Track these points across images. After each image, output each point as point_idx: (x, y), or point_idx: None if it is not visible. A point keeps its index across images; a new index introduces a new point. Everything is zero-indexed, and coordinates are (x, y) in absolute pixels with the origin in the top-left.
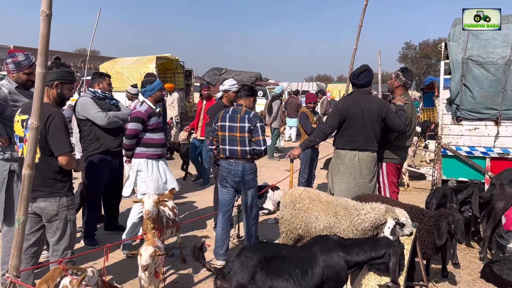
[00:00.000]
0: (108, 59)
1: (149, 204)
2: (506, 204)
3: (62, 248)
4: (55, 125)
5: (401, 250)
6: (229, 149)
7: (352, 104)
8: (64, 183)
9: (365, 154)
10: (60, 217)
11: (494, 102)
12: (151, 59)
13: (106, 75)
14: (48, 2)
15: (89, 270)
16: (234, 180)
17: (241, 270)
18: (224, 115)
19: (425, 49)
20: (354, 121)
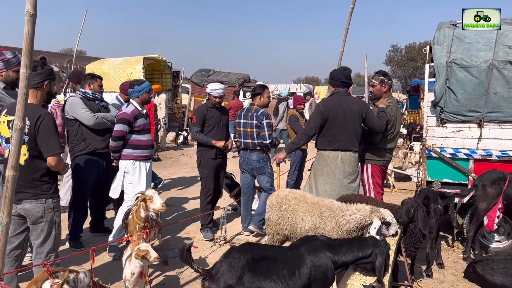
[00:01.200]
0: (94, 60)
1: (159, 197)
2: (488, 205)
3: (46, 250)
4: (45, 126)
5: (387, 251)
6: (243, 141)
7: (334, 105)
8: (50, 185)
9: (347, 154)
10: (45, 219)
11: (477, 105)
12: (138, 60)
13: (98, 76)
14: (33, 2)
15: (80, 272)
16: (248, 167)
17: (228, 271)
18: (241, 113)
19: (411, 52)
20: (335, 122)
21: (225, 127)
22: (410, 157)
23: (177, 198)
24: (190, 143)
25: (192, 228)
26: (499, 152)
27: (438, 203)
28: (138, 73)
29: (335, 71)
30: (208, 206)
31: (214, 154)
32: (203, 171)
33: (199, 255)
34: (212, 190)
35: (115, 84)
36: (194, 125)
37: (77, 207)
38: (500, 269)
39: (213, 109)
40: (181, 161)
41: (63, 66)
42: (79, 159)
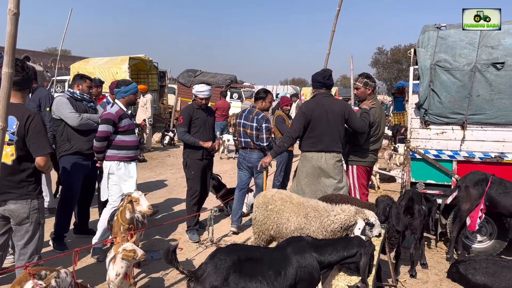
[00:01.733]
0: (79, 59)
1: (145, 199)
2: (471, 206)
3: (29, 252)
4: (35, 126)
5: (372, 251)
6: (244, 141)
7: (316, 106)
8: (36, 185)
9: (331, 155)
10: (31, 220)
11: (461, 107)
12: (124, 60)
13: (87, 77)
14: (16, 1)
15: (62, 271)
16: (248, 166)
17: (214, 272)
18: (242, 114)
19: (396, 55)
20: (318, 123)
21: (212, 128)
22: (394, 158)
23: (162, 199)
24: (176, 144)
25: (178, 229)
26: (481, 153)
27: (422, 204)
28: (123, 73)
29: (315, 73)
30: (195, 207)
31: (201, 155)
32: (190, 172)
33: (185, 257)
34: (198, 192)
35: None
36: (180, 125)
37: (63, 208)
38: (482, 269)
39: (199, 110)
40: (167, 162)
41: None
42: (64, 160)
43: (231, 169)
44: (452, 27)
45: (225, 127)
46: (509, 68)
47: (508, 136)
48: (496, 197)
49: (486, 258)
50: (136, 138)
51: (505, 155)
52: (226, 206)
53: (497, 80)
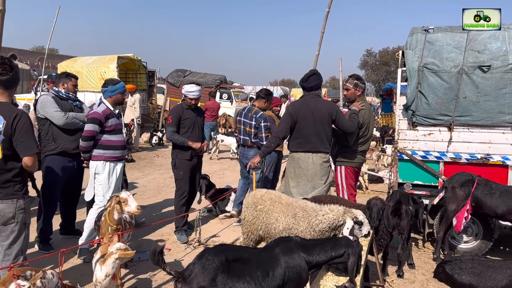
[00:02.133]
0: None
1: (133, 200)
2: (457, 206)
3: (14, 252)
4: (22, 125)
5: (359, 251)
6: (243, 138)
7: (302, 107)
8: (22, 185)
9: (318, 156)
10: (16, 220)
11: (448, 109)
12: (112, 59)
13: (73, 76)
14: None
15: (48, 272)
16: (246, 162)
17: (202, 272)
18: (242, 112)
19: (384, 57)
20: (305, 124)
21: (201, 128)
22: (382, 159)
23: (151, 200)
24: (165, 144)
25: (165, 230)
26: (468, 155)
27: (409, 204)
28: (111, 72)
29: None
30: (183, 208)
31: (190, 156)
32: (178, 172)
33: (173, 258)
34: (187, 192)
35: (87, 83)
36: (169, 125)
37: (47, 208)
38: (468, 269)
39: (188, 110)
40: (155, 162)
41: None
42: (49, 159)
43: (220, 169)
44: (439, 30)
45: (214, 127)
46: (495, 71)
47: (494, 138)
48: (482, 198)
49: (472, 258)
50: (123, 138)
51: (491, 157)
52: (214, 207)
53: (483, 83)
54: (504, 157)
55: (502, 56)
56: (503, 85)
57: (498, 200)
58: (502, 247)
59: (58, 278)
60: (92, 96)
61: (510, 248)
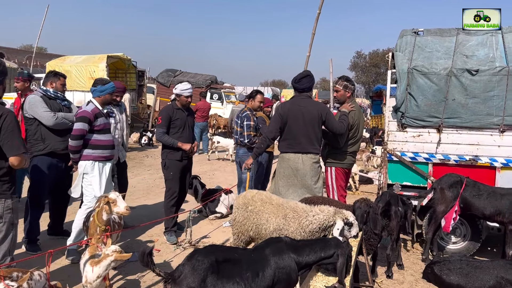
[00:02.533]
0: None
1: (122, 200)
2: (446, 208)
3: (1, 253)
4: (8, 124)
5: (349, 252)
6: (235, 137)
7: (292, 108)
8: (10, 185)
9: (308, 157)
10: (4, 220)
11: (437, 111)
12: (101, 58)
13: (61, 75)
14: None
15: (35, 273)
16: (238, 160)
17: (191, 273)
18: (237, 113)
19: (374, 58)
20: (295, 124)
21: (191, 129)
22: (372, 160)
23: (140, 200)
24: (154, 144)
25: (155, 231)
26: (456, 156)
27: (399, 205)
28: (101, 72)
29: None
30: (173, 208)
31: (180, 156)
32: (168, 173)
33: (163, 259)
34: (177, 193)
35: (77, 82)
36: (159, 126)
37: (34, 209)
38: (456, 269)
39: (179, 111)
40: (145, 162)
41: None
42: (37, 160)
43: (210, 170)
44: (429, 32)
45: (204, 128)
46: (483, 74)
47: (482, 140)
48: (470, 199)
49: (460, 259)
50: (112, 137)
51: (479, 158)
52: (205, 208)
53: (472, 85)
54: (492, 158)
55: (489, 62)
56: (491, 88)
57: (485, 202)
58: (489, 248)
59: (45, 279)
60: (81, 95)
61: (497, 249)
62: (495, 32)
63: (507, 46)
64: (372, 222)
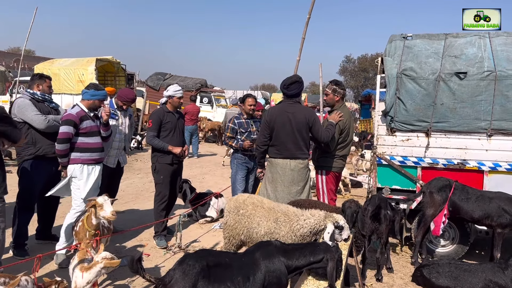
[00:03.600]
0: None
1: (109, 205)
2: (435, 211)
3: None
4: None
5: (339, 256)
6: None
7: (279, 114)
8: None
9: (296, 162)
10: None
11: (425, 115)
12: (90, 61)
13: (47, 77)
14: None
15: (23, 278)
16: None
17: (182, 278)
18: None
19: (363, 63)
20: (282, 130)
21: (182, 132)
22: (361, 164)
23: (129, 204)
24: (144, 148)
25: (145, 235)
26: (445, 160)
27: (387, 209)
28: (90, 75)
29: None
30: (163, 212)
31: (170, 160)
32: (158, 176)
33: (152, 263)
34: (167, 197)
35: (65, 85)
36: (150, 129)
37: (23, 213)
38: (445, 272)
39: (169, 114)
40: (134, 166)
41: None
42: (28, 164)
43: (200, 173)
44: (418, 37)
45: (194, 131)
46: (471, 78)
47: (470, 144)
48: (459, 202)
49: (449, 262)
50: (100, 140)
51: (467, 162)
52: (195, 212)
53: (460, 90)
54: (480, 162)
55: (478, 62)
56: (479, 92)
57: (474, 205)
58: (477, 251)
59: (33, 285)
60: (69, 98)
61: (485, 252)
62: (483, 36)
63: (494, 49)
64: (360, 223)
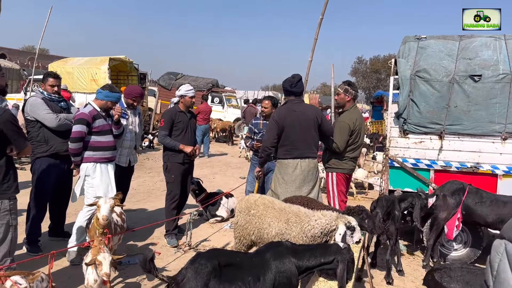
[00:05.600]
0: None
1: (106, 209)
2: (448, 215)
3: (1, 254)
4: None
5: (351, 258)
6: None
7: (288, 113)
8: (8, 186)
9: (306, 162)
10: (1, 222)
11: (439, 118)
12: (103, 60)
13: (52, 76)
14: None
15: (37, 275)
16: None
17: (194, 277)
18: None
19: (375, 64)
20: (292, 130)
21: (193, 132)
22: (373, 166)
23: (141, 203)
24: (155, 147)
25: (155, 233)
26: (458, 163)
27: (396, 209)
28: (103, 74)
29: (284, 80)
30: (174, 211)
31: (182, 159)
32: (170, 176)
33: (163, 262)
34: (178, 196)
35: (78, 84)
36: (162, 128)
37: (36, 210)
38: (457, 277)
39: (181, 113)
40: (145, 165)
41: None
42: (40, 161)
43: (210, 173)
44: (432, 38)
45: (206, 130)
46: (486, 81)
47: (484, 147)
48: (473, 206)
49: (461, 266)
50: (112, 138)
51: (481, 165)
52: (205, 211)
53: (474, 92)
54: (494, 166)
55: (493, 65)
56: (494, 95)
57: (488, 209)
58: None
59: (47, 282)
60: (82, 97)
61: None
62: (498, 38)
63: (510, 52)
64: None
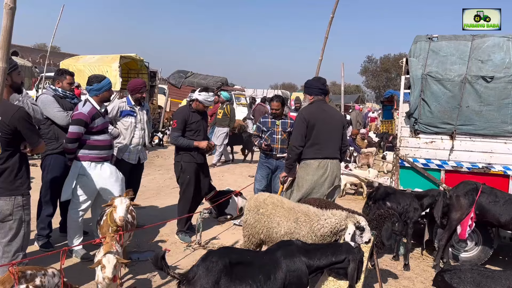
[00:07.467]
0: (69, 56)
1: (122, 209)
2: (461, 215)
3: (13, 249)
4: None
5: (361, 257)
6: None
7: (319, 112)
8: (21, 182)
9: (335, 162)
10: (14, 217)
11: (450, 117)
12: (114, 58)
13: (69, 73)
14: None
15: (49, 271)
16: None
17: (205, 275)
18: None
19: (385, 63)
20: (323, 129)
21: (205, 132)
22: (383, 166)
23: (151, 200)
24: (165, 144)
25: (165, 230)
26: (469, 164)
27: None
28: (114, 72)
29: (311, 80)
30: (186, 211)
31: (196, 158)
32: (185, 176)
33: (172, 259)
34: (192, 197)
35: None
36: (174, 130)
37: (47, 207)
38: (467, 278)
39: (194, 114)
40: (155, 162)
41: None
42: (51, 158)
43: (219, 171)
44: (443, 38)
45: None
46: (498, 81)
47: (496, 147)
48: (486, 206)
49: (471, 268)
50: (109, 137)
51: (492, 166)
52: (215, 209)
53: (486, 92)
54: (506, 167)
55: (505, 68)
56: (506, 95)
57: (502, 209)
58: (501, 257)
59: (59, 277)
60: None
61: (509, 258)
62: (510, 38)
63: None
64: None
